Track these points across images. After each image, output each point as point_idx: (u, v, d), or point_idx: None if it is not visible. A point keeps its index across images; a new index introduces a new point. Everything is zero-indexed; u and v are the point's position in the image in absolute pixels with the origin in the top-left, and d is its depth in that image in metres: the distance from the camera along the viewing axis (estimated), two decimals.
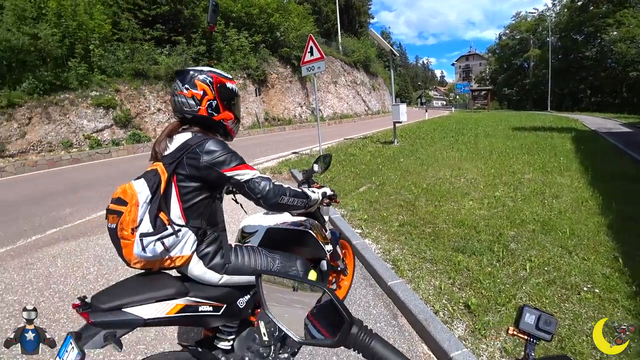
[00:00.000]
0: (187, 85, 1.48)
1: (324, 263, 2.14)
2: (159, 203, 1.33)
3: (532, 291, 2.66)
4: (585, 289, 2.68)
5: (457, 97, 70.06)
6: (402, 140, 11.71)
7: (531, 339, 0.84)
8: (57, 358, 1.12)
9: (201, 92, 1.48)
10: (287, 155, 9.42)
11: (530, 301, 2.57)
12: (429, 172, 6.61)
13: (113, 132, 13.48)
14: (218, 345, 1.66)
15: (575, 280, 2.78)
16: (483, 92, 50.59)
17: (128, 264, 1.34)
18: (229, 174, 1.41)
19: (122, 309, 1.21)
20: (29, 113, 11.47)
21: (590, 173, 6.04)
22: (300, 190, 1.62)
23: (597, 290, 2.65)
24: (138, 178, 1.37)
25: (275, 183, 1.49)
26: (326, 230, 2.20)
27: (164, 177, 1.35)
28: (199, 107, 1.48)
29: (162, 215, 1.34)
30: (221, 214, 1.54)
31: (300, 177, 6.55)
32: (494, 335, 2.24)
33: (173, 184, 1.39)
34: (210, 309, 1.44)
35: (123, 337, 1.27)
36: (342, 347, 0.55)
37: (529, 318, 0.85)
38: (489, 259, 3.14)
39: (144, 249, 1.27)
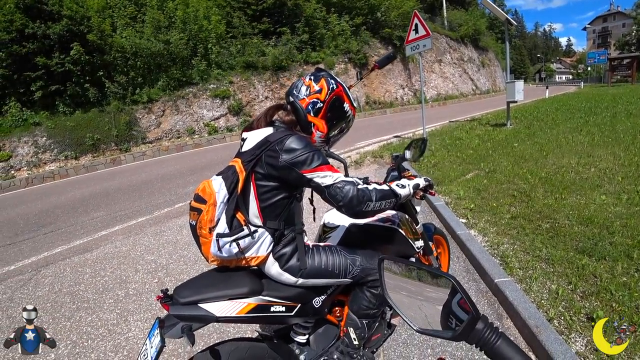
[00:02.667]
0: (312, 77, 1.48)
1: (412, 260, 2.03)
2: (236, 202, 1.31)
3: None
4: None
5: (589, 68, 58.38)
6: (516, 122, 10.47)
7: None
8: (147, 339, 1.23)
9: (317, 88, 1.46)
10: (389, 139, 9.21)
11: None
12: (549, 159, 5.81)
13: (227, 119, 15.19)
14: (294, 339, 1.67)
15: None
16: (626, 61, 40.32)
17: (206, 260, 1.36)
18: (309, 175, 1.31)
19: (198, 304, 1.25)
20: (162, 106, 13.85)
21: None
22: (387, 188, 1.44)
23: None
24: (218, 174, 1.35)
25: (360, 187, 1.34)
26: (417, 224, 2.02)
27: (242, 175, 1.31)
28: (304, 97, 1.47)
29: (239, 215, 1.32)
30: (300, 215, 1.49)
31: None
32: (624, 358, 1.92)
33: (251, 182, 1.36)
34: (283, 308, 1.43)
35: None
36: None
37: None
38: (625, 267, 2.66)
39: (219, 249, 1.27)
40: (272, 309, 1.40)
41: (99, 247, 4.19)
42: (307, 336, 1.66)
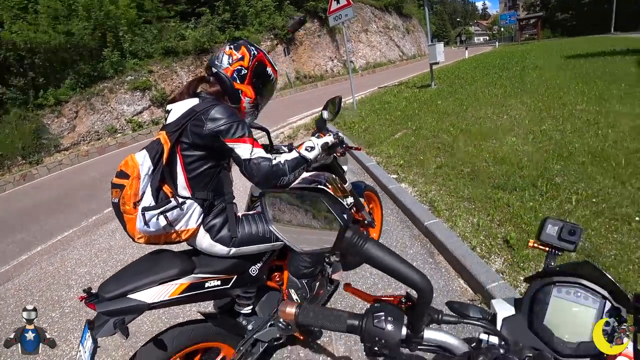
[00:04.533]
0: (232, 46, 1.46)
1: (360, 230, 2.09)
2: (162, 174, 1.28)
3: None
4: (637, 219, 2.52)
5: (502, 29, 63.31)
6: (439, 82, 11.09)
7: (552, 250, 0.79)
8: (80, 345, 1.20)
9: (239, 56, 1.45)
10: (320, 111, 9.25)
11: None
12: (468, 112, 6.29)
13: (152, 112, 13.88)
14: (240, 311, 1.68)
15: (627, 211, 2.61)
16: (532, 21, 44.83)
17: (133, 239, 1.31)
18: (230, 144, 1.32)
19: (127, 296, 1.21)
20: (75, 107, 12.04)
21: None
22: (297, 155, 1.47)
23: None
24: (142, 148, 1.30)
25: (274, 162, 1.37)
26: (345, 182, 2.10)
27: (166, 146, 1.28)
28: (227, 65, 1.45)
29: (165, 187, 1.29)
30: (229, 185, 1.49)
31: (334, 130, 6.52)
32: (534, 267, 2.23)
33: (177, 153, 1.33)
34: (219, 282, 1.42)
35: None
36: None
37: (551, 229, 0.79)
38: (532, 194, 3.03)
39: (146, 223, 1.22)
40: (207, 284, 1.39)
41: (21, 274, 3.70)
42: (251, 306, 1.68)
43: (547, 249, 0.80)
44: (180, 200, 1.30)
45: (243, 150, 1.33)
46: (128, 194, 1.21)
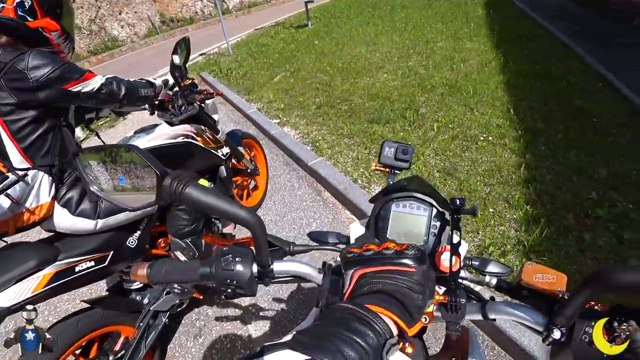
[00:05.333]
0: None
1: (222, 169, 1.95)
2: None
3: (438, 147, 2.88)
4: (481, 138, 2.96)
5: None
6: (316, 21, 10.95)
7: (392, 170, 0.87)
8: None
9: None
10: (195, 59, 8.42)
11: (436, 155, 2.80)
12: (344, 51, 6.38)
13: None
14: (130, 288, 1.55)
15: (475, 133, 3.04)
16: None
17: None
18: (75, 88, 1.17)
19: None
20: None
21: (496, 37, 6.23)
22: (142, 79, 1.48)
23: (490, 138, 2.95)
24: None
25: (124, 78, 1.33)
26: (218, 133, 1.98)
27: None
28: (2, 4, 1.09)
29: None
30: (75, 144, 1.28)
31: (210, 79, 5.98)
32: None
33: None
34: (92, 263, 1.26)
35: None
36: None
37: (389, 151, 0.86)
38: (402, 125, 3.28)
39: None
40: (78, 268, 1.22)
41: None
42: None
43: (387, 170, 0.88)
44: (22, 173, 1.08)
45: (92, 84, 1.21)
46: None
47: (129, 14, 16.09)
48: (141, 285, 1.55)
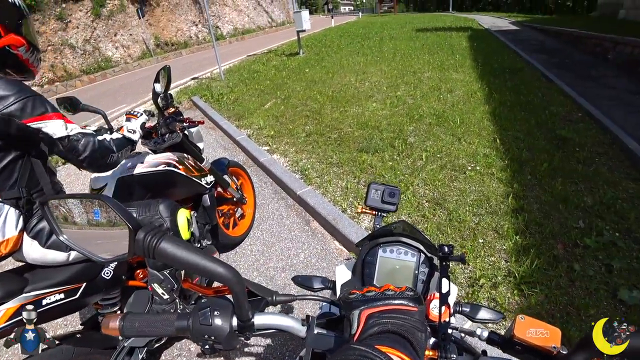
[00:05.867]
0: None
1: (205, 198, 1.91)
2: None
3: (427, 177, 2.90)
4: (469, 168, 3.00)
5: (364, 1, 67.88)
6: (307, 50, 11.25)
7: (378, 213, 0.87)
8: None
9: None
10: (186, 82, 8.51)
11: (425, 185, 2.81)
12: (334, 79, 6.52)
13: None
14: None
15: (462, 162, 3.08)
16: None
17: None
18: (34, 125, 1.06)
19: None
20: None
21: (480, 68, 6.47)
22: (121, 136, 1.34)
23: (478, 168, 2.99)
24: None
25: (100, 138, 1.20)
26: (202, 161, 1.93)
27: None
28: None
29: None
30: (46, 175, 1.21)
31: (201, 103, 6.02)
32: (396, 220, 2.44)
33: None
34: (62, 295, 1.20)
35: None
36: None
37: (375, 194, 0.87)
38: (390, 154, 3.31)
39: None
40: (46, 301, 1.15)
41: None
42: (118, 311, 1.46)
43: (373, 212, 0.88)
44: None
45: (54, 127, 1.08)
46: None
47: (124, 36, 16.29)
48: None
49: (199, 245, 1.86)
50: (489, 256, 2.10)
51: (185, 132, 1.85)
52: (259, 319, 0.58)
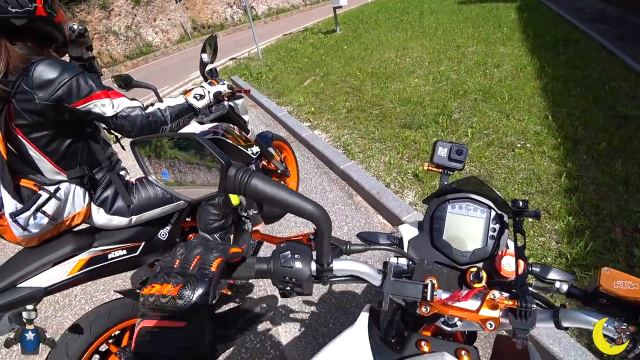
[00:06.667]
0: None
1: (252, 167, 1.99)
2: (10, 169, 1.04)
3: (473, 153, 2.82)
4: (519, 145, 2.87)
5: None
6: (344, 27, 11.00)
7: (445, 171, 0.86)
8: None
9: None
10: (225, 63, 8.64)
11: (471, 162, 2.74)
12: (373, 56, 6.37)
13: None
14: None
15: (511, 140, 2.96)
16: None
17: (21, 245, 1.15)
18: (83, 107, 1.06)
19: (17, 285, 1.09)
20: None
21: (531, 41, 6.06)
22: (183, 101, 1.31)
23: (528, 146, 2.86)
24: None
25: (149, 111, 1.18)
26: (248, 132, 1.98)
27: None
28: (34, 4, 1.01)
29: (24, 182, 1.08)
30: (103, 150, 1.26)
31: (241, 82, 6.10)
32: None
33: (23, 140, 1.07)
34: (124, 252, 1.31)
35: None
36: None
37: (442, 151, 0.85)
38: (434, 130, 3.23)
39: (25, 228, 1.05)
40: (111, 255, 1.28)
41: None
42: None
43: (440, 170, 0.87)
44: (53, 188, 1.11)
45: (102, 106, 1.10)
46: None
47: (162, 21, 16.70)
48: None
49: (245, 214, 1.94)
50: (538, 236, 2.04)
51: (231, 103, 1.90)
52: (337, 264, 0.59)
